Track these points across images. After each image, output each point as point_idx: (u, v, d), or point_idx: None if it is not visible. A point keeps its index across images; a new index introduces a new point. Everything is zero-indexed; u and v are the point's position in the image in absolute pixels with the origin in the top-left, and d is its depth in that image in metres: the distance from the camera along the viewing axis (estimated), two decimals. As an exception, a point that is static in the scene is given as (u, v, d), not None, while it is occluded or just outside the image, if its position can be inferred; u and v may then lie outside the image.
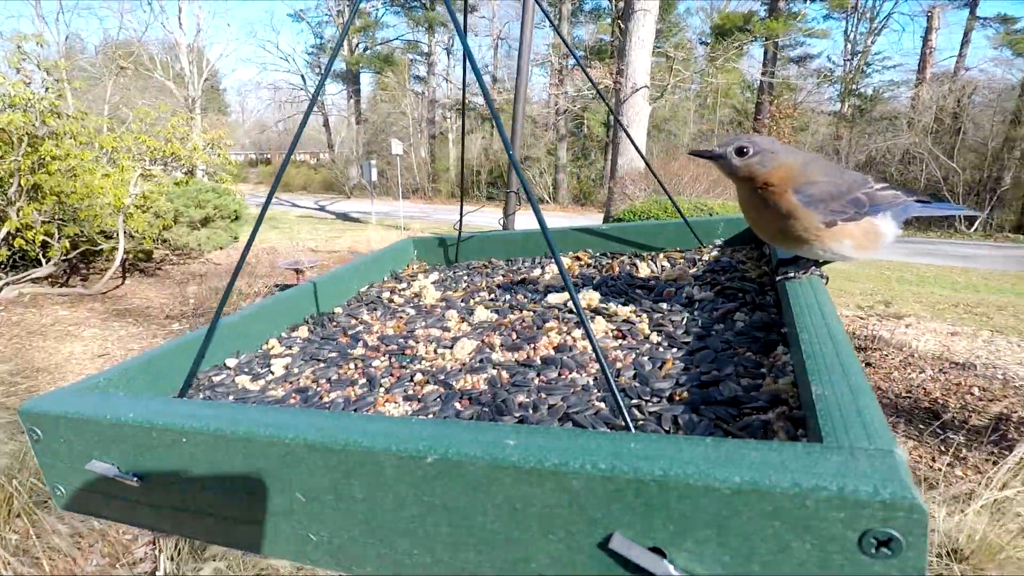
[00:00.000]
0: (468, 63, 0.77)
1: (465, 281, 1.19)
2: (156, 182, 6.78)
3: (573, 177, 20.49)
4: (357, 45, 25.16)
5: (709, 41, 17.77)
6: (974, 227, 13.04)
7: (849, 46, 19.18)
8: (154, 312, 5.85)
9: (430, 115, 24.06)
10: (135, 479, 0.56)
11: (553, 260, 1.25)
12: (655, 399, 0.60)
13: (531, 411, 0.61)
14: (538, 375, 0.69)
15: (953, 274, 8.11)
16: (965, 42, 17.46)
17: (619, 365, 0.68)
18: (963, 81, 16.37)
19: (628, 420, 0.47)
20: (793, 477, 0.33)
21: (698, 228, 1.20)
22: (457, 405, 0.65)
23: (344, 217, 15.94)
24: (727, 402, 0.58)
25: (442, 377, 0.72)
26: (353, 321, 1.01)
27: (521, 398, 0.64)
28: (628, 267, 1.12)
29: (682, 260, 1.12)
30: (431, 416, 0.64)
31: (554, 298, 0.96)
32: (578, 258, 1.23)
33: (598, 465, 0.37)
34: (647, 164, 1.34)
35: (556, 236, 1.33)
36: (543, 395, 0.64)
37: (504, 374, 0.71)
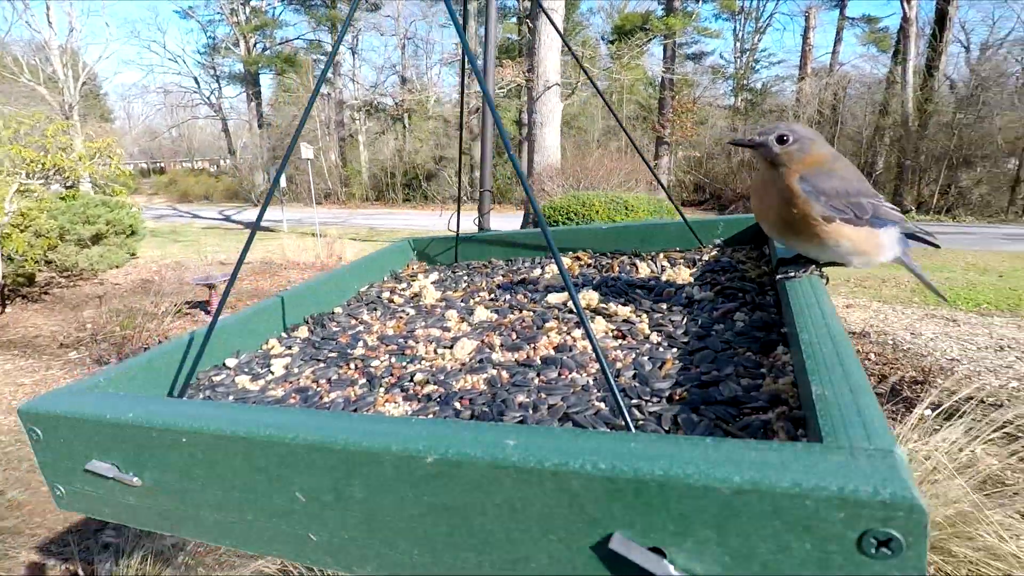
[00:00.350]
0: (468, 62, 0.77)
1: (465, 281, 1.19)
2: (35, 198, 6.04)
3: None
4: (255, 45, 24.15)
5: (612, 39, 18.28)
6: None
7: (738, 44, 20.77)
8: (44, 341, 5.34)
9: (338, 117, 23.36)
10: (135, 479, 0.56)
11: (553, 260, 1.25)
12: (655, 399, 0.60)
13: (531, 411, 0.61)
14: (538, 375, 0.69)
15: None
16: (838, 40, 19.47)
17: (619, 365, 0.68)
18: (838, 76, 18.04)
19: (628, 420, 0.47)
20: (793, 477, 0.33)
21: (698, 228, 1.20)
22: (457, 405, 0.65)
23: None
24: (727, 402, 0.58)
25: (442, 377, 0.72)
26: (353, 321, 1.01)
27: (521, 398, 0.64)
28: (628, 267, 1.12)
29: (682, 260, 1.12)
30: (431, 416, 0.64)
31: (554, 298, 0.96)
32: (578, 258, 1.23)
33: (598, 465, 0.37)
34: (644, 160, 1.34)
35: (556, 236, 1.33)
36: (543, 395, 0.64)
37: (504, 374, 0.71)
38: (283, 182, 14.24)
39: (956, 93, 15.58)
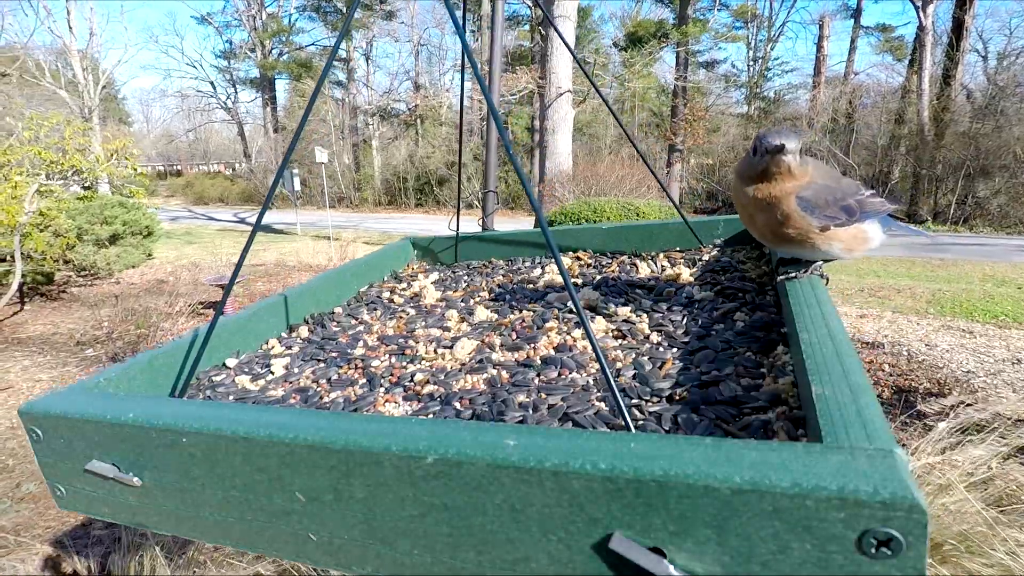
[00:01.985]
0: (468, 61, 0.77)
1: (465, 281, 1.19)
2: (55, 198, 6.13)
3: (501, 182, 20.36)
4: (270, 51, 24.37)
5: (624, 46, 18.44)
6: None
7: (751, 52, 21.01)
8: (62, 339, 5.37)
9: (352, 122, 23.39)
10: (135, 479, 0.56)
11: (553, 260, 1.25)
12: (655, 399, 0.60)
13: (531, 411, 0.61)
14: (538, 375, 0.69)
15: (856, 263, 8.69)
16: (852, 49, 19.57)
17: (619, 365, 0.68)
18: (853, 84, 18.14)
19: (628, 420, 0.47)
20: (793, 477, 0.33)
21: (698, 228, 1.20)
22: (457, 405, 0.65)
23: (267, 229, 14.96)
24: (727, 402, 0.58)
25: (442, 377, 0.72)
26: (353, 321, 1.01)
27: (521, 398, 0.64)
28: (628, 267, 1.12)
29: (682, 260, 1.12)
30: (431, 416, 0.64)
31: (554, 298, 0.96)
32: (578, 258, 1.23)
33: (598, 465, 0.37)
34: (647, 163, 1.34)
35: (556, 236, 1.33)
36: (543, 395, 0.64)
37: (504, 374, 0.71)
38: (297, 185, 13.90)
39: (973, 102, 15.39)
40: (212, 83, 26.84)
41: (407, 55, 24.10)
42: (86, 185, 7.38)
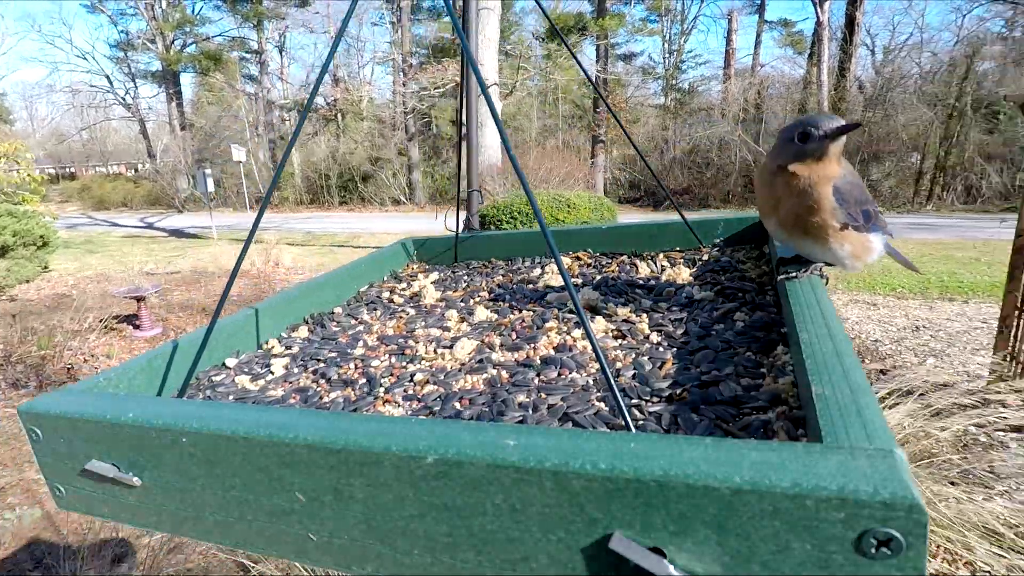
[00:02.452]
0: (468, 61, 0.77)
1: (465, 281, 1.19)
2: None
3: (428, 176, 20.09)
4: (173, 42, 21.97)
5: (546, 39, 18.70)
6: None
7: (666, 45, 21.73)
8: None
9: (267, 118, 22.04)
10: (135, 479, 0.56)
11: (553, 260, 1.25)
12: (655, 399, 0.60)
13: (531, 411, 0.61)
14: (538, 375, 0.69)
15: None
16: (758, 43, 20.96)
17: (619, 365, 0.68)
18: (760, 76, 19.28)
19: (628, 420, 0.47)
20: (793, 477, 0.33)
21: (698, 228, 1.20)
22: (457, 405, 0.65)
23: (179, 234, 14.11)
24: (727, 402, 0.58)
25: (442, 377, 0.72)
26: (353, 321, 1.01)
27: (521, 398, 0.64)
28: (628, 267, 1.12)
29: (682, 260, 1.12)
30: (431, 416, 0.64)
31: (554, 298, 0.96)
32: (578, 258, 1.23)
33: (598, 465, 0.37)
34: (646, 163, 1.34)
35: (556, 236, 1.33)
36: (543, 395, 0.64)
37: (504, 374, 0.71)
38: (211, 186, 12.56)
39: (864, 93, 16.90)
40: (108, 77, 24.34)
41: (323, 47, 22.63)
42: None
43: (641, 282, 1.01)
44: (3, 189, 7.47)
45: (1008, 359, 3.08)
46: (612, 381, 0.48)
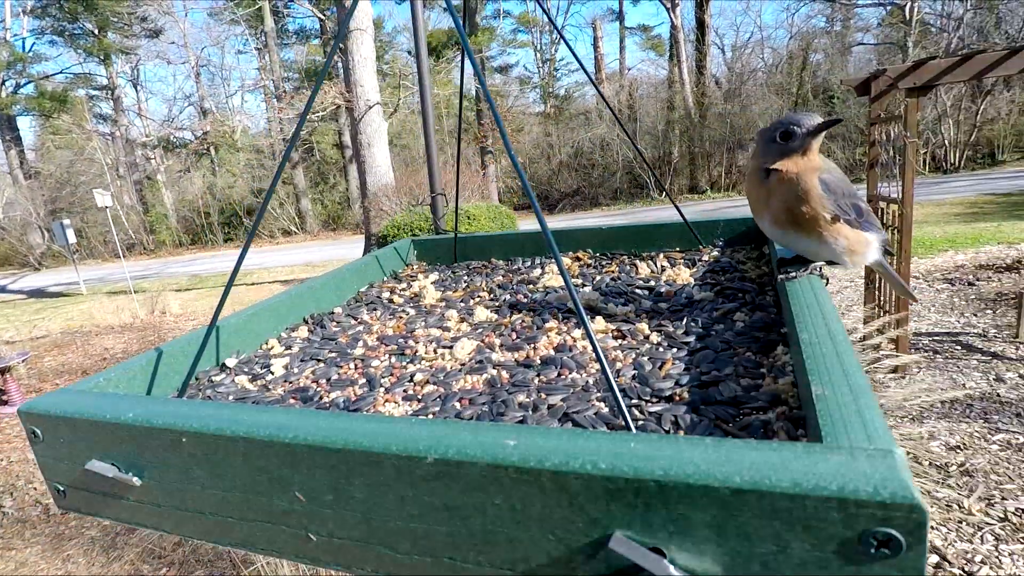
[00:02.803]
0: (471, 64, 0.77)
1: (465, 281, 1.19)
2: None
3: (317, 203, 19.70)
4: (3, 83, 19.38)
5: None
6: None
7: (539, 55, 22.95)
8: None
9: (129, 158, 20.26)
10: (135, 479, 0.56)
11: (553, 260, 1.25)
12: (655, 399, 0.60)
13: (531, 411, 0.61)
14: (538, 375, 0.69)
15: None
16: (622, 48, 22.72)
17: (619, 365, 0.68)
18: (629, 79, 20.80)
19: (628, 420, 0.47)
20: (793, 477, 0.33)
21: (698, 228, 1.20)
22: (457, 405, 0.65)
23: (40, 294, 12.51)
24: (727, 402, 0.58)
25: (442, 377, 0.72)
26: (353, 321, 1.01)
27: (521, 398, 0.64)
28: (628, 267, 1.12)
29: (682, 260, 1.12)
30: (431, 416, 0.64)
31: (554, 298, 0.96)
32: (578, 258, 1.23)
33: (598, 465, 0.37)
34: (650, 168, 1.34)
35: (556, 236, 1.33)
36: (543, 395, 0.64)
37: (504, 374, 0.71)
38: (71, 237, 10.96)
39: (721, 88, 18.67)
40: None
41: (184, 78, 21.32)
42: None
43: (641, 282, 1.01)
44: None
45: (877, 309, 3.55)
46: (612, 381, 0.48)
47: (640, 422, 0.56)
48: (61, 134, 20.35)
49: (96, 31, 19.80)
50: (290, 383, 0.79)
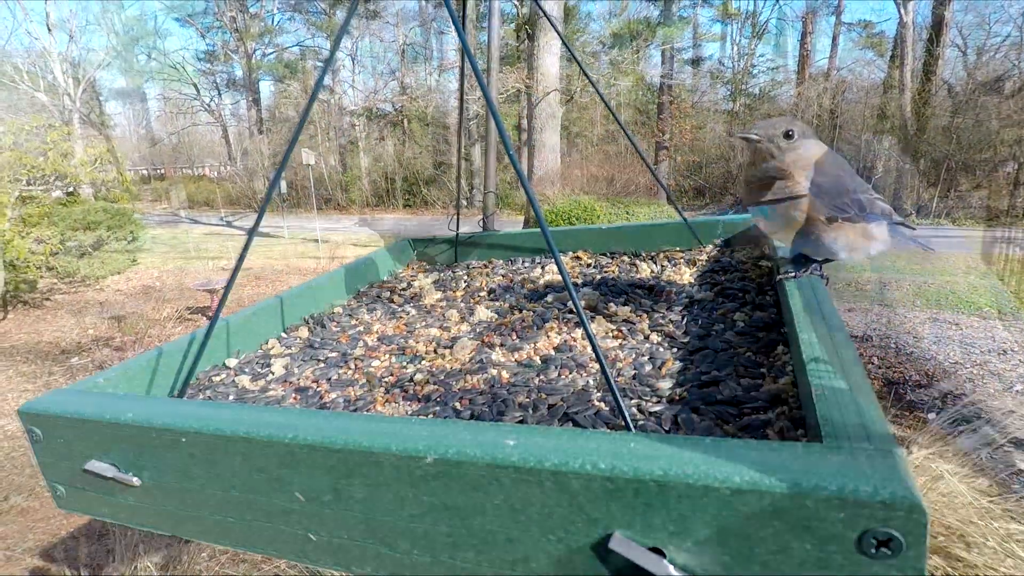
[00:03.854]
0: (467, 63, 0.77)
1: (465, 281, 1.19)
2: (37, 204, 6.00)
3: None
4: (254, 52, 23.36)
5: (611, 45, 18.61)
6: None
7: (736, 49, 21.32)
8: (46, 347, 5.24)
9: (338, 123, 22.67)
10: (135, 479, 0.56)
11: (553, 260, 1.25)
12: (655, 399, 0.60)
13: (531, 411, 0.61)
14: (538, 375, 0.69)
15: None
16: (834, 45, 20.17)
17: (619, 365, 0.68)
18: (836, 80, 18.53)
19: (628, 420, 0.47)
20: (793, 477, 0.33)
21: (698, 228, 1.20)
22: (457, 405, 0.65)
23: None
24: (727, 402, 0.57)
25: (442, 377, 0.72)
26: (353, 321, 1.01)
27: (521, 398, 0.64)
28: (628, 267, 1.12)
29: (682, 260, 1.12)
30: (431, 416, 0.64)
31: (554, 298, 0.96)
32: (578, 258, 1.23)
33: (598, 465, 0.37)
34: (643, 158, 1.34)
35: (556, 236, 1.33)
36: (543, 395, 0.64)
37: (504, 374, 0.71)
38: (283, 187, 13.62)
39: (954, 97, 15.91)
40: (195, 85, 25.80)
41: (392, 55, 23.32)
42: (69, 191, 7.23)
43: (641, 282, 1.01)
44: (97, 188, 7.98)
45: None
46: (612, 381, 0.48)
47: (640, 422, 0.56)
48: (290, 98, 22.77)
49: (327, 11, 22.46)
50: (290, 383, 0.79)
